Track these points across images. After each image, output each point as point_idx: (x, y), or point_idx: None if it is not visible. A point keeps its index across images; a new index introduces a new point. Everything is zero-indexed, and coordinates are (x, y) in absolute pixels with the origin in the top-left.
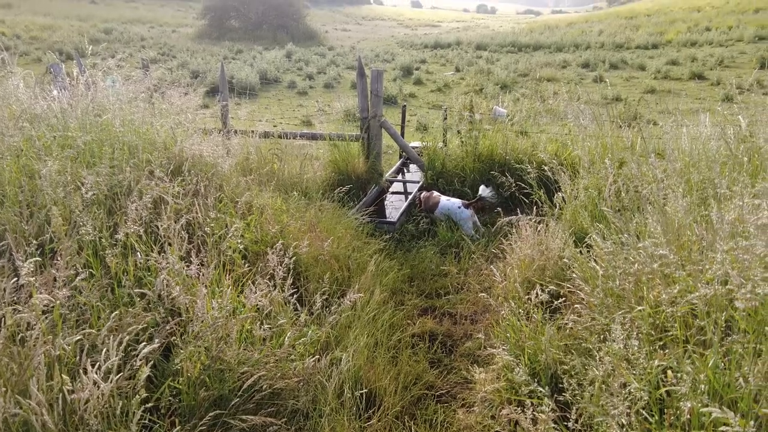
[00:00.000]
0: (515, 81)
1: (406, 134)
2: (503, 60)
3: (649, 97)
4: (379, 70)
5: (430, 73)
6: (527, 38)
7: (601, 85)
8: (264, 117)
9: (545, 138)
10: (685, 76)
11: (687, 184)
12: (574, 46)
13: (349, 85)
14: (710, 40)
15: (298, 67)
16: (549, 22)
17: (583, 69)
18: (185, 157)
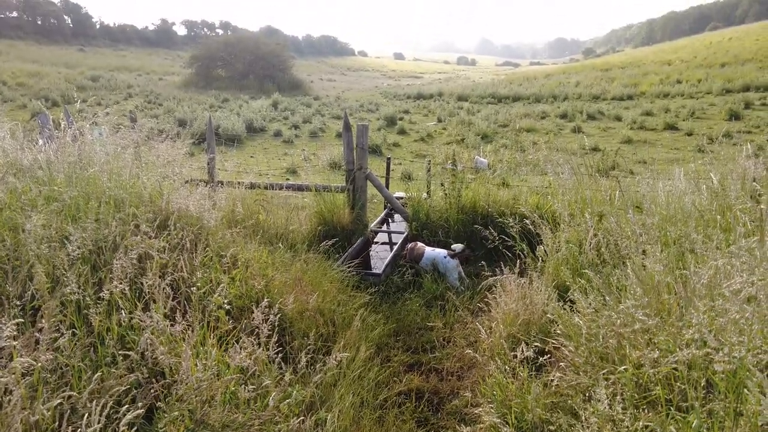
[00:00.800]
0: (495, 131)
1: (390, 183)
2: (484, 111)
3: (626, 147)
4: (365, 124)
5: (414, 123)
6: (506, 89)
7: (579, 136)
8: (250, 167)
9: (526, 190)
10: (660, 127)
11: (665, 237)
12: (552, 97)
13: (335, 134)
14: (681, 92)
15: (284, 116)
16: (527, 73)
17: (562, 120)
18: (171, 211)
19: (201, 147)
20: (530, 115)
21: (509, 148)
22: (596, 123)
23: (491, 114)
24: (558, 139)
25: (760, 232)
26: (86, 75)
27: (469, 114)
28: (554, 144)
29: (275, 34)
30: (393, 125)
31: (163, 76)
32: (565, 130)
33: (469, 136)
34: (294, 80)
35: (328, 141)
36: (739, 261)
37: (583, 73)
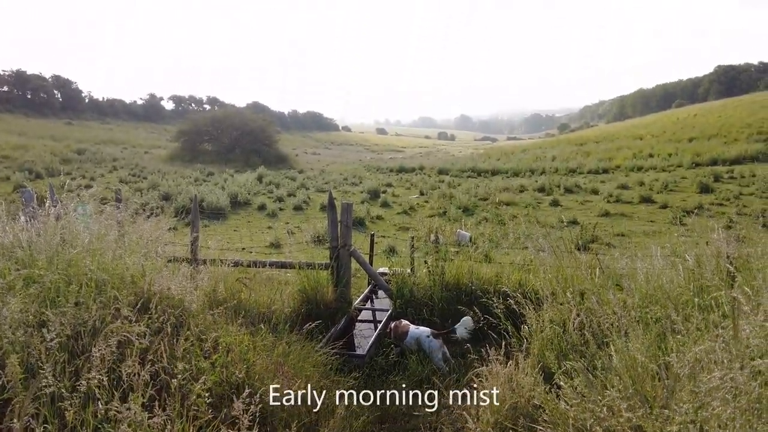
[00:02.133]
0: (476, 205)
1: (374, 259)
2: (464, 184)
3: (604, 220)
4: (349, 202)
5: (396, 196)
6: (486, 164)
7: (557, 209)
8: (233, 241)
9: (509, 266)
10: (636, 200)
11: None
12: (530, 171)
13: (319, 207)
14: (654, 166)
15: (269, 189)
16: (505, 148)
17: (540, 193)
18: (154, 293)
19: (185, 221)
20: (509, 188)
21: (490, 221)
22: (574, 196)
23: (471, 187)
24: (537, 213)
25: (734, 325)
26: (72, 148)
27: (450, 187)
28: (534, 217)
29: (262, 110)
30: (376, 198)
31: (149, 149)
32: (543, 204)
33: (450, 209)
34: (279, 154)
35: (312, 214)
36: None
37: (559, 148)
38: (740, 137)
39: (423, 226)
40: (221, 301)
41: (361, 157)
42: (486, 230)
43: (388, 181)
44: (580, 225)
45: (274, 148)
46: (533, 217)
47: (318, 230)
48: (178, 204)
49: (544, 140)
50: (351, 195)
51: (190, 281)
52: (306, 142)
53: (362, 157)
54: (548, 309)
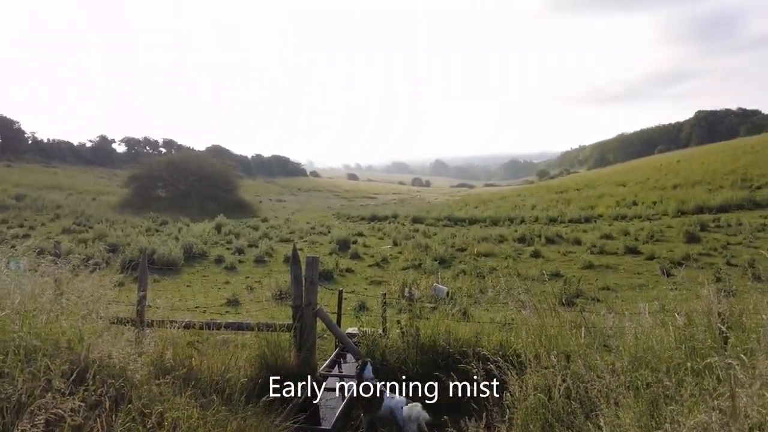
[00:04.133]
0: (453, 256)
1: (343, 316)
2: (440, 234)
3: (588, 272)
4: (315, 257)
5: (368, 247)
6: (462, 211)
7: (539, 261)
8: (185, 298)
9: (489, 326)
10: (621, 251)
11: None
12: (509, 219)
13: (282, 259)
14: (638, 214)
15: (228, 240)
16: (482, 195)
17: (520, 244)
18: (92, 360)
19: (133, 276)
20: (488, 238)
21: (468, 274)
22: (556, 247)
23: (448, 237)
24: (518, 265)
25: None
26: (10, 193)
27: (425, 237)
28: (514, 270)
29: (223, 153)
30: (346, 249)
31: (97, 195)
32: (524, 255)
33: (426, 261)
34: (240, 201)
35: (275, 267)
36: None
37: (538, 195)
38: (725, 184)
39: (396, 279)
40: (169, 368)
41: (330, 204)
42: (464, 284)
43: (359, 230)
44: (564, 278)
45: (235, 194)
46: (514, 269)
47: (281, 285)
48: (126, 256)
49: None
50: (318, 246)
51: (135, 347)
52: (270, 188)
53: (332, 204)
54: (532, 374)
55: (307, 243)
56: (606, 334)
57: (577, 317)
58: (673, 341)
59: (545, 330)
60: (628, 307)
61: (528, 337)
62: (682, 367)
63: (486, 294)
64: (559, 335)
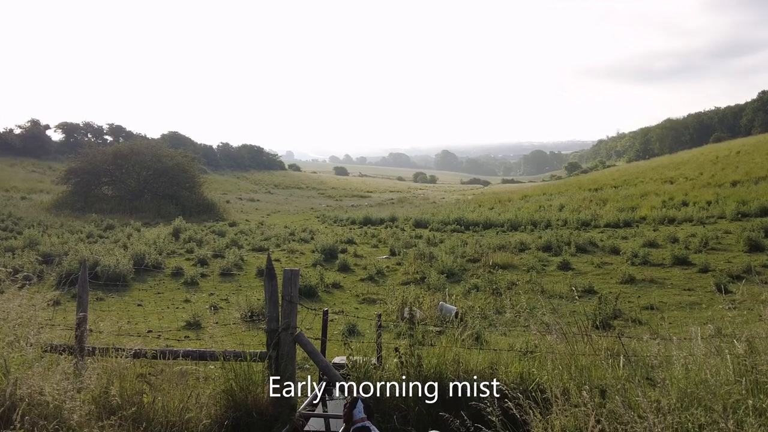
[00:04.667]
0: (464, 268)
1: (329, 342)
2: (448, 241)
3: (628, 288)
4: (294, 270)
5: (360, 257)
6: (475, 214)
7: (568, 274)
8: (135, 320)
9: (506, 354)
10: (668, 261)
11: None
12: (532, 224)
13: (254, 273)
14: (689, 217)
15: (188, 248)
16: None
17: (545, 253)
18: (20, 398)
19: (72, 292)
20: (506, 246)
21: (482, 290)
22: (588, 257)
23: (457, 245)
24: (542, 279)
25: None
26: None
27: (429, 245)
28: (538, 285)
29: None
30: (333, 260)
31: (27, 194)
32: (550, 267)
33: (430, 275)
34: (204, 201)
35: (245, 282)
36: None
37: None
38: None
39: (394, 297)
40: (115, 407)
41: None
42: (477, 303)
43: (350, 236)
44: (598, 295)
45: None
46: (537, 284)
47: (252, 304)
48: (62, 269)
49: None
50: (299, 256)
51: (73, 380)
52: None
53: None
54: (559, 414)
55: (286, 252)
56: (649, 365)
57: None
58: (731, 373)
59: (575, 359)
60: (676, 332)
61: (554, 369)
62: (742, 405)
63: (503, 315)
64: (592, 366)
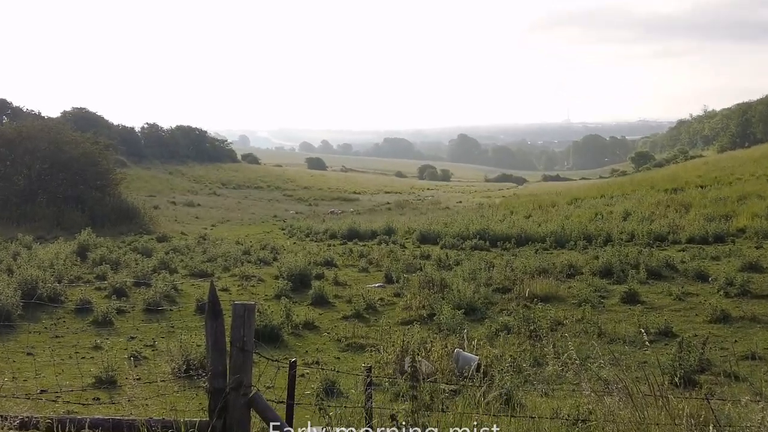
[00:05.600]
0: (489, 301)
1: (298, 407)
2: (467, 263)
3: (721, 330)
4: (248, 304)
5: (343, 286)
6: (505, 224)
7: (635, 309)
8: (24, 374)
9: (549, 424)
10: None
11: None
12: (585, 238)
13: (193, 308)
14: None
15: (100, 273)
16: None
17: (603, 279)
18: None
19: None
20: (549, 270)
21: (515, 332)
22: (664, 285)
23: (480, 269)
24: (599, 316)
25: None
26: None
27: (441, 268)
28: (594, 325)
29: (92, 123)
30: (305, 289)
31: None
32: (610, 299)
33: (442, 310)
34: (122, 206)
35: (180, 320)
36: None
37: (635, 196)
38: None
39: (391, 342)
40: None
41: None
42: (508, 350)
43: (328, 255)
44: (678, 340)
45: (112, 194)
46: (592, 324)
47: (190, 353)
48: None
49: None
50: (256, 284)
51: None
52: (175, 182)
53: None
54: None
55: (237, 279)
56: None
57: (702, 408)
58: None
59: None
60: None
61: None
62: None
63: (544, 368)
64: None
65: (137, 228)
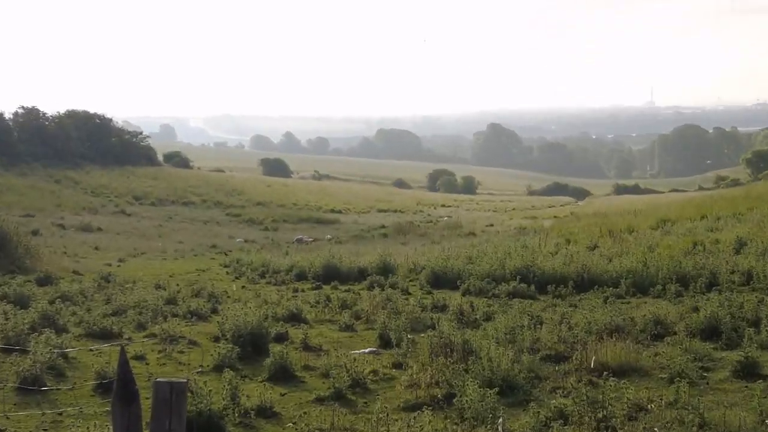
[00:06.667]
0: (536, 374)
1: None
2: (501, 318)
3: None
4: (176, 382)
5: (316, 352)
6: (559, 259)
7: (756, 387)
8: None
9: None
10: None
11: None
12: (678, 280)
13: (93, 385)
14: None
15: None
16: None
17: (706, 342)
18: None
19: None
20: (625, 329)
21: (575, 422)
22: None
23: (521, 327)
24: (703, 398)
25: None
26: None
27: (462, 325)
28: (693, 412)
29: None
30: (259, 356)
31: None
32: (718, 372)
33: (466, 389)
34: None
35: (71, 404)
36: None
37: (753, 216)
38: None
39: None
40: None
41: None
42: None
43: (294, 306)
44: None
45: None
46: (692, 411)
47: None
48: None
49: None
50: (187, 349)
51: None
52: (65, 194)
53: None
54: None
55: (158, 342)
56: None
57: None
58: None
59: None
60: None
61: None
62: None
63: None
64: None
65: (6, 265)
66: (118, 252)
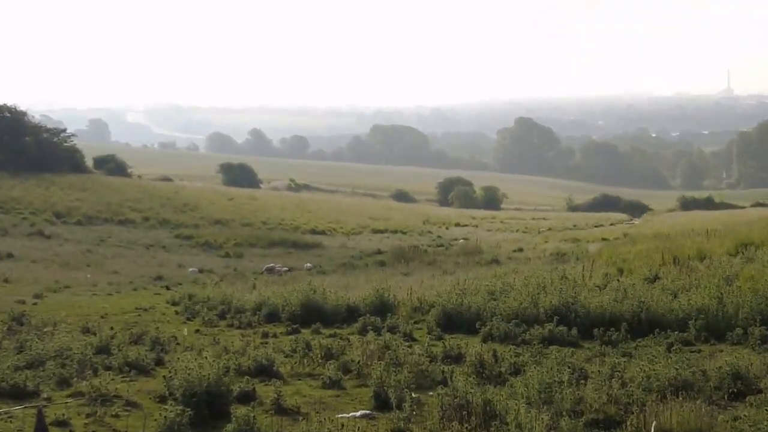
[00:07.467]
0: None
1: None
2: (535, 371)
3: None
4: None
5: (292, 415)
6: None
7: None
8: None
9: None
10: None
11: None
12: (764, 321)
13: None
14: None
15: None
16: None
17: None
18: None
19: None
20: (696, 386)
21: None
22: None
23: (560, 382)
24: None
25: None
26: None
27: (484, 380)
28: None
29: None
30: (218, 421)
31: None
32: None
33: None
34: None
35: None
36: None
37: None
38: None
39: None
40: None
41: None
42: None
43: (263, 355)
44: None
45: None
46: None
47: None
48: None
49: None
50: (124, 414)
51: None
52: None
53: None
54: None
55: (86, 403)
56: None
57: None
58: None
59: None
60: None
61: None
62: None
63: None
64: None
65: None
66: (35, 285)
